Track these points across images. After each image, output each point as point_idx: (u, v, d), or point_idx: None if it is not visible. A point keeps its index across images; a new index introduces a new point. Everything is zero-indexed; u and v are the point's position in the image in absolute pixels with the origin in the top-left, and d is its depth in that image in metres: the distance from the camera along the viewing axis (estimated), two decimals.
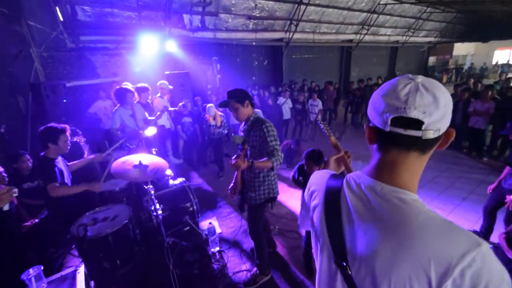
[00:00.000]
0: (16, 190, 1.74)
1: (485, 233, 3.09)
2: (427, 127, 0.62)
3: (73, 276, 1.50)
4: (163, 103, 4.96)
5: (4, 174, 2.53)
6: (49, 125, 2.42)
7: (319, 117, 7.30)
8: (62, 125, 2.47)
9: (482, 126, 5.32)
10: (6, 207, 1.77)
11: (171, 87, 5.56)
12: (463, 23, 17.35)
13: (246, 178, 2.38)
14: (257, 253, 2.59)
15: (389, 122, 0.64)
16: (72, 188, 2.45)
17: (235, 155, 1.96)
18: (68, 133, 2.49)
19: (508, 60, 21.36)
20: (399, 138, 0.65)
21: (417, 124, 0.62)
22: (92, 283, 1.73)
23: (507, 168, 2.75)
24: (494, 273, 0.56)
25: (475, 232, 3.19)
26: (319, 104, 7.17)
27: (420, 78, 0.65)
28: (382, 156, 0.70)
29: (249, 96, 2.27)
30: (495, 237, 3.02)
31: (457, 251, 0.57)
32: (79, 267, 1.56)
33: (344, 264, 0.71)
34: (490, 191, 2.96)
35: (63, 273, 1.53)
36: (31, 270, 1.36)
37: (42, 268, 1.40)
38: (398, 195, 0.66)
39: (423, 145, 0.65)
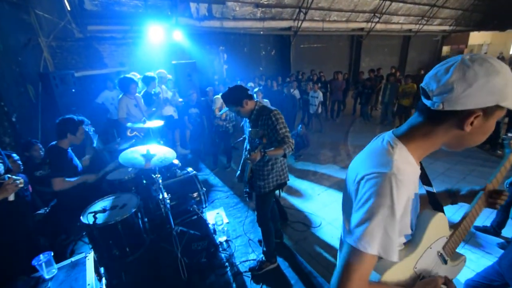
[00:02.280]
0: (21, 180, 1.74)
1: (495, 227, 3.02)
2: (434, 96, 0.70)
3: (83, 262, 1.53)
4: (162, 93, 4.94)
5: (20, 162, 2.58)
6: (68, 116, 2.51)
7: (319, 109, 7.12)
8: (80, 117, 2.56)
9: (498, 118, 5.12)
10: (11, 198, 1.77)
11: (169, 76, 5.51)
12: (481, 10, 16.57)
13: (254, 168, 2.35)
14: (264, 240, 2.60)
15: (421, 91, 0.76)
16: (74, 181, 2.49)
17: (249, 148, 1.96)
18: (84, 125, 2.58)
19: None
20: (420, 105, 0.77)
21: (427, 93, 0.72)
22: (101, 270, 1.75)
23: None
24: (379, 195, 0.69)
25: (484, 227, 3.11)
26: (319, 95, 6.93)
27: (478, 55, 0.71)
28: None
29: (245, 92, 2.18)
30: (506, 231, 2.96)
31: (370, 167, 0.75)
32: (89, 253, 1.59)
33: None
34: (508, 186, 2.87)
35: (73, 259, 1.56)
36: (41, 256, 1.39)
37: (52, 254, 1.42)
38: (386, 139, 0.81)
39: (431, 115, 0.73)
